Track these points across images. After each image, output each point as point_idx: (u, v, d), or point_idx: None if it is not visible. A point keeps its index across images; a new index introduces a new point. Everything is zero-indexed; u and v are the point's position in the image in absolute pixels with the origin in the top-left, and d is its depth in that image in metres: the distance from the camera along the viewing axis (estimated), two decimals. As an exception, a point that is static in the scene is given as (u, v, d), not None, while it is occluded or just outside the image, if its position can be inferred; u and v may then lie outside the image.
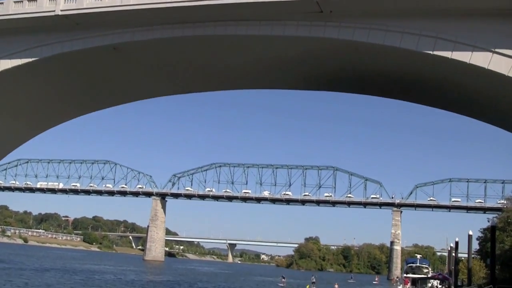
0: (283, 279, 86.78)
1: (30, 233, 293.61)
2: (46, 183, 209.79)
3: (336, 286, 75.99)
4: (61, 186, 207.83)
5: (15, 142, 58.52)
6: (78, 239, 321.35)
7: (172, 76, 50.02)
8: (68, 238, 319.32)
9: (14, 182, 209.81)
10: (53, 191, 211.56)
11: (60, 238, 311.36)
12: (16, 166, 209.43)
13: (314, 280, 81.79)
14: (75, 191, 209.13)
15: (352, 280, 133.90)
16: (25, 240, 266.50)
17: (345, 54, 40.76)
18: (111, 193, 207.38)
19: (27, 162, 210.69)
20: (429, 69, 39.15)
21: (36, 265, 78.95)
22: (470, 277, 67.31)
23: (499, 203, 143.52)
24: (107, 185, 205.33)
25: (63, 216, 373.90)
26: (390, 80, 44.85)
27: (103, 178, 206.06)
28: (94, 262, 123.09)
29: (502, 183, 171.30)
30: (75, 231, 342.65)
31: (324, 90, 54.96)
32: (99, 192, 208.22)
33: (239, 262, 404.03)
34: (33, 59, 43.48)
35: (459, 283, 78.36)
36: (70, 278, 58.12)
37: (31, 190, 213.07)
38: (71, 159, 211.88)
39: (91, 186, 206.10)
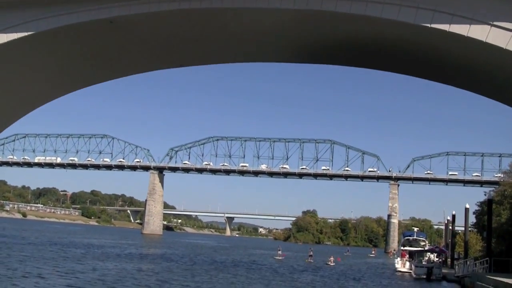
0: (279, 251, 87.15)
1: (28, 207, 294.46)
2: (44, 157, 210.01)
3: (331, 259, 76.13)
4: (58, 160, 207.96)
5: (12, 117, 58.30)
6: (77, 213, 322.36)
7: (168, 50, 49.73)
8: (67, 212, 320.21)
9: (11, 157, 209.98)
10: (51, 165, 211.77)
11: (58, 212, 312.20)
12: (14, 141, 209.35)
13: (311, 253, 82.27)
14: (73, 166, 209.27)
15: (348, 253, 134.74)
16: (24, 215, 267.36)
17: (341, 26, 40.47)
18: (108, 167, 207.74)
19: (25, 137, 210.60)
20: (427, 42, 38.93)
21: (36, 239, 79.22)
22: (467, 250, 67.73)
23: (496, 176, 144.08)
24: (105, 159, 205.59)
25: (61, 191, 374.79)
26: (388, 54, 44.66)
27: (100, 152, 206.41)
28: (93, 236, 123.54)
29: (499, 156, 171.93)
30: (73, 206, 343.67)
31: (320, 63, 54.76)
32: (97, 167, 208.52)
33: (237, 235, 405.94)
34: (29, 33, 43.14)
35: (455, 256, 78.95)
36: (70, 252, 58.34)
37: (29, 165, 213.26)
38: (69, 134, 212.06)
39: (88, 160, 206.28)
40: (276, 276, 48.05)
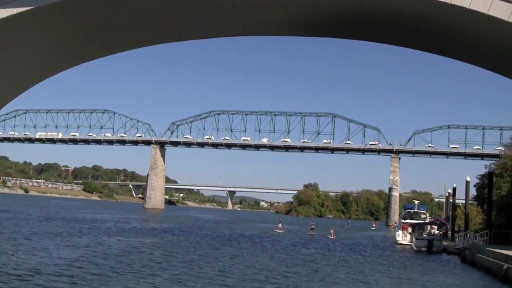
0: (280, 224, 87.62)
1: (30, 183, 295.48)
2: (45, 133, 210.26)
3: (332, 232, 76.44)
4: (60, 136, 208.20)
5: (12, 92, 58.17)
6: (79, 188, 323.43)
7: (167, 24, 49.46)
8: (69, 187, 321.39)
9: (13, 133, 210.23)
10: (52, 141, 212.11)
11: (60, 188, 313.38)
12: (15, 117, 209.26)
13: (313, 226, 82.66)
14: (74, 141, 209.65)
15: (349, 226, 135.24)
16: (26, 191, 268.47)
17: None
18: (110, 142, 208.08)
19: (26, 112, 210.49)
20: (427, 14, 38.75)
21: (39, 215, 79.72)
22: (467, 223, 68.15)
23: (497, 149, 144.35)
24: (106, 134, 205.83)
25: (63, 166, 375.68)
26: (388, 26, 44.42)
27: (102, 127, 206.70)
28: (96, 210, 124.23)
29: (500, 129, 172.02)
30: (75, 181, 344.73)
31: (323, 36, 54.48)
32: (98, 141, 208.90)
33: (238, 209, 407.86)
34: (28, 8, 42.83)
35: (456, 229, 79.39)
36: (74, 226, 58.76)
37: (30, 140, 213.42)
38: (70, 109, 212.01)
39: (90, 135, 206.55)
40: (279, 249, 48.44)
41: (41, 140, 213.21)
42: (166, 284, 23.03)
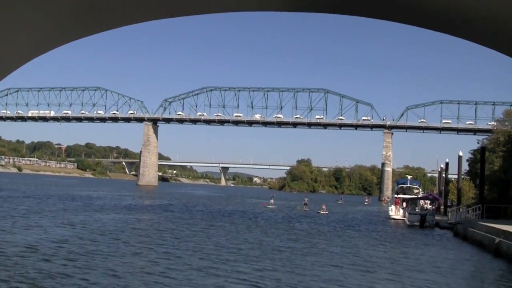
0: (272, 200, 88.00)
1: (23, 161, 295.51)
2: (37, 111, 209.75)
3: (324, 207, 76.72)
4: (52, 114, 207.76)
5: (3, 71, 57.85)
6: (72, 166, 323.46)
7: (158, 0, 49.19)
8: (62, 165, 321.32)
9: (5, 111, 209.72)
10: (44, 119, 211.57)
11: (53, 166, 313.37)
12: (6, 95, 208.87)
13: (306, 202, 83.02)
14: (67, 119, 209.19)
15: (341, 201, 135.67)
16: (19, 169, 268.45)
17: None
18: (102, 119, 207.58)
19: (17, 91, 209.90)
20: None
21: (34, 193, 79.81)
22: (460, 197, 68.68)
23: (489, 124, 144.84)
24: (99, 111, 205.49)
25: (56, 144, 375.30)
26: (382, 0, 44.30)
27: (94, 105, 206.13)
28: (90, 188, 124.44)
29: (493, 105, 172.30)
30: (68, 159, 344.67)
31: (314, 11, 54.25)
32: (91, 119, 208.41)
33: (232, 185, 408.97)
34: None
35: (448, 203, 80.00)
36: (69, 204, 58.93)
37: (23, 119, 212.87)
38: (62, 87, 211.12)
39: (82, 113, 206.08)
40: (273, 224, 48.78)
41: (33, 119, 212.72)
42: (163, 259, 23.26)
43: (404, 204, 68.87)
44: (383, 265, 25.80)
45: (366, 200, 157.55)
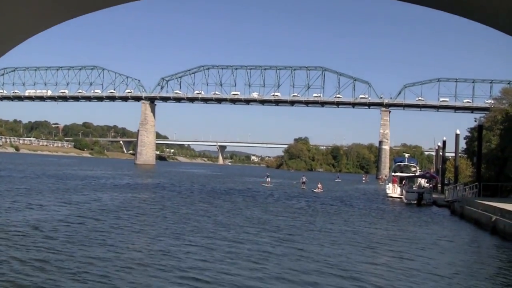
0: (267, 179, 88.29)
1: (21, 141, 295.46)
2: (34, 91, 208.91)
3: (319, 185, 76.70)
4: (49, 93, 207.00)
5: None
6: (69, 145, 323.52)
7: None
8: (59, 145, 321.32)
9: (1, 91, 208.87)
10: (41, 98, 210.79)
11: (51, 145, 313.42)
12: (3, 75, 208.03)
13: (304, 180, 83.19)
14: (64, 98, 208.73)
15: (338, 179, 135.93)
16: (17, 149, 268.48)
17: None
18: (100, 98, 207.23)
19: (14, 70, 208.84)
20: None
21: (33, 172, 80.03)
22: (457, 175, 69.01)
23: (487, 102, 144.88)
24: (96, 90, 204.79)
25: (53, 124, 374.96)
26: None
27: (91, 84, 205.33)
28: (88, 167, 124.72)
29: (491, 83, 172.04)
30: (65, 138, 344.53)
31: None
32: (88, 98, 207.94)
33: (229, 164, 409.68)
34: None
35: (445, 182, 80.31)
36: (68, 183, 59.14)
37: (20, 98, 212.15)
38: (58, 66, 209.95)
39: (79, 92, 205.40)
40: (272, 202, 49.08)
41: (30, 98, 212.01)
42: (164, 237, 23.50)
43: (402, 182, 69.10)
44: (382, 241, 26.09)
45: (364, 178, 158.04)
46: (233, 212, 37.58)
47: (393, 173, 74.87)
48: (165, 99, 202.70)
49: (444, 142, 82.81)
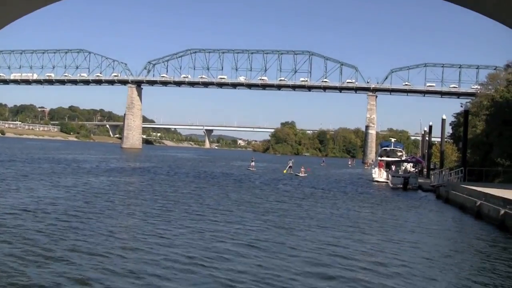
0: (252, 163, 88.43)
1: (6, 125, 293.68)
2: (20, 74, 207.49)
3: (302, 169, 76.58)
4: (35, 76, 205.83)
5: (-14, 33, 57.36)
6: (56, 129, 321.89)
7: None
8: (45, 129, 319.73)
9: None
10: (27, 82, 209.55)
11: (37, 129, 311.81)
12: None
13: (291, 164, 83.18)
14: (50, 81, 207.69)
15: (323, 164, 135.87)
16: (2, 132, 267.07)
17: None
18: (86, 82, 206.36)
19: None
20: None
21: (20, 156, 79.76)
22: (443, 160, 69.58)
23: (473, 88, 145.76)
24: (82, 74, 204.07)
25: (39, 107, 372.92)
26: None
27: (77, 67, 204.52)
28: (74, 151, 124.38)
29: (477, 68, 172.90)
30: (52, 122, 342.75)
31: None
32: (74, 82, 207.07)
33: (216, 148, 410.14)
34: None
35: (431, 166, 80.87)
36: (56, 167, 59.02)
37: (5, 82, 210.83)
38: (44, 49, 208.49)
39: (65, 75, 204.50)
40: (260, 186, 49.22)
41: (16, 81, 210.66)
42: (155, 221, 23.57)
43: (388, 167, 69.48)
44: (368, 224, 26.32)
45: (350, 162, 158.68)
46: (223, 196, 37.88)
47: (379, 158, 75.17)
48: (151, 82, 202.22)
49: (430, 127, 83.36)
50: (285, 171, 79.54)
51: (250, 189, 45.35)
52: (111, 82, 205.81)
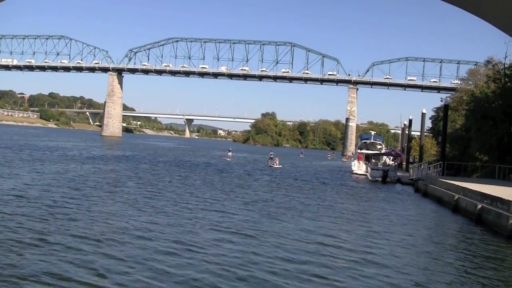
0: (229, 153, 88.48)
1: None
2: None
3: (277, 160, 76.41)
4: (15, 62, 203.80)
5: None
6: (35, 116, 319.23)
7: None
8: (25, 115, 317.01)
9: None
10: (7, 67, 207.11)
11: (16, 115, 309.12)
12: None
13: (271, 156, 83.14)
14: (30, 68, 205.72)
15: (302, 155, 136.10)
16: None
17: None
18: (66, 69, 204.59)
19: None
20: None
21: (0, 143, 79.16)
22: (422, 154, 70.18)
23: (453, 83, 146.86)
24: (63, 60, 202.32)
25: (19, 93, 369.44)
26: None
27: (58, 54, 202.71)
28: (54, 138, 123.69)
29: (458, 63, 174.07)
30: (31, 108, 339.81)
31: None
32: (55, 68, 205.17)
33: (196, 137, 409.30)
34: None
35: (410, 160, 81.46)
36: (36, 154, 58.59)
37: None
38: (25, 35, 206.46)
39: (46, 62, 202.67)
40: (236, 176, 49.29)
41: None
42: (144, 208, 23.64)
43: (367, 159, 69.87)
44: (346, 217, 26.56)
45: (329, 155, 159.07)
46: (208, 184, 38.11)
47: (358, 150, 75.58)
48: (132, 71, 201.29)
49: (410, 121, 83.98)
50: (267, 163, 78.95)
51: (236, 180, 45.44)
52: (92, 70, 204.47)
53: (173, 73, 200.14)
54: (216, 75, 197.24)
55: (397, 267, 16.14)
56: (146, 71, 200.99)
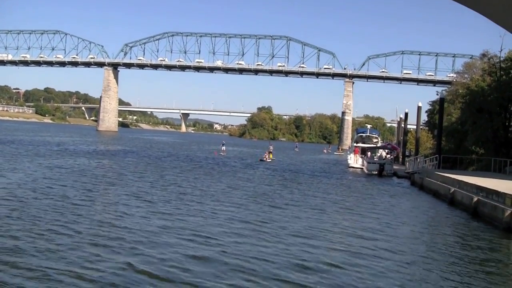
0: (223, 147, 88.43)
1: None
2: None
3: (266, 154, 76.03)
4: (10, 57, 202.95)
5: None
6: (31, 111, 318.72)
7: None
8: (20, 110, 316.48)
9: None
10: (2, 62, 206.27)
11: (12, 110, 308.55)
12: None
13: (271, 150, 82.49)
14: (25, 63, 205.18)
15: (297, 149, 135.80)
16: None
17: None
18: (62, 64, 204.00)
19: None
20: None
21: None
22: (418, 147, 70.29)
23: (449, 76, 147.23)
24: (58, 55, 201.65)
25: (14, 88, 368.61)
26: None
27: (53, 49, 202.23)
28: (50, 133, 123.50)
29: (453, 56, 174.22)
30: (27, 103, 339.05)
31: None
32: (50, 63, 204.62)
33: (192, 131, 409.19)
34: None
35: (406, 153, 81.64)
36: (33, 150, 58.49)
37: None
38: (20, 30, 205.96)
39: (41, 57, 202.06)
40: (236, 170, 49.33)
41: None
42: (139, 200, 23.71)
43: (364, 153, 69.95)
44: (342, 210, 26.66)
45: (325, 149, 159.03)
46: (207, 178, 38.24)
47: (355, 144, 75.60)
48: (128, 65, 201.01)
49: (406, 114, 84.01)
50: (270, 156, 77.83)
51: (233, 173, 45.50)
52: (87, 64, 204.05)
53: (169, 67, 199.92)
54: (212, 69, 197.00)
55: (392, 260, 16.25)
56: (141, 66, 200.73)
